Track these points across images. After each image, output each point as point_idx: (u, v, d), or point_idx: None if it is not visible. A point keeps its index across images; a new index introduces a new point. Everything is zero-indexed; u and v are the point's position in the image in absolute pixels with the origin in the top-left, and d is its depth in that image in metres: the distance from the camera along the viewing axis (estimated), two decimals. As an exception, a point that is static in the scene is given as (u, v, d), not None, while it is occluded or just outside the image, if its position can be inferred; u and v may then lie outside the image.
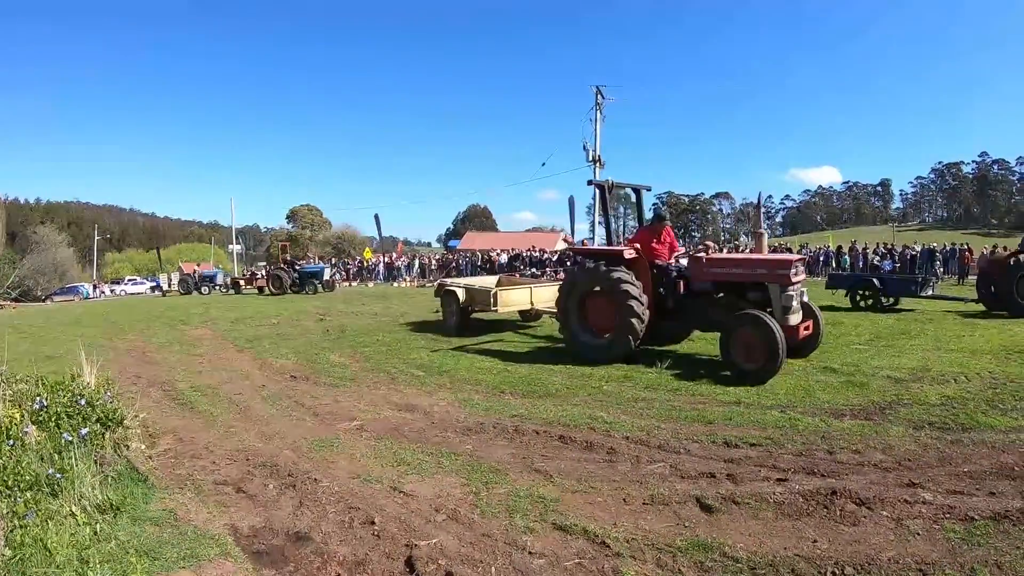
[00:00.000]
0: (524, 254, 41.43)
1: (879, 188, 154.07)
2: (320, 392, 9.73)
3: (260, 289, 37.75)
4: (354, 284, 45.61)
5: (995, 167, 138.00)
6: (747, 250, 36.25)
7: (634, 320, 10.56)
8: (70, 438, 5.58)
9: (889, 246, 38.88)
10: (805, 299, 10.52)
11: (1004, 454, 6.17)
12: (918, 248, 36.63)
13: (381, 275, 47.14)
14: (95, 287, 61.18)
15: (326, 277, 35.79)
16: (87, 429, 5.86)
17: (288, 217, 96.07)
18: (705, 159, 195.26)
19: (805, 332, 10.36)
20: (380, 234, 53.87)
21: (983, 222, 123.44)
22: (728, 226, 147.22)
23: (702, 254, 11.00)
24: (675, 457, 6.22)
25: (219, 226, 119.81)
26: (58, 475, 4.98)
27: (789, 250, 38.40)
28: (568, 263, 35.44)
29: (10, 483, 4.77)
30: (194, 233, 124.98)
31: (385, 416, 8.19)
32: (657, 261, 11.38)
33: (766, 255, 12.85)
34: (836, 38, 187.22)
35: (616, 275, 10.70)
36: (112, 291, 61.37)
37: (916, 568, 4.11)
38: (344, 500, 5.48)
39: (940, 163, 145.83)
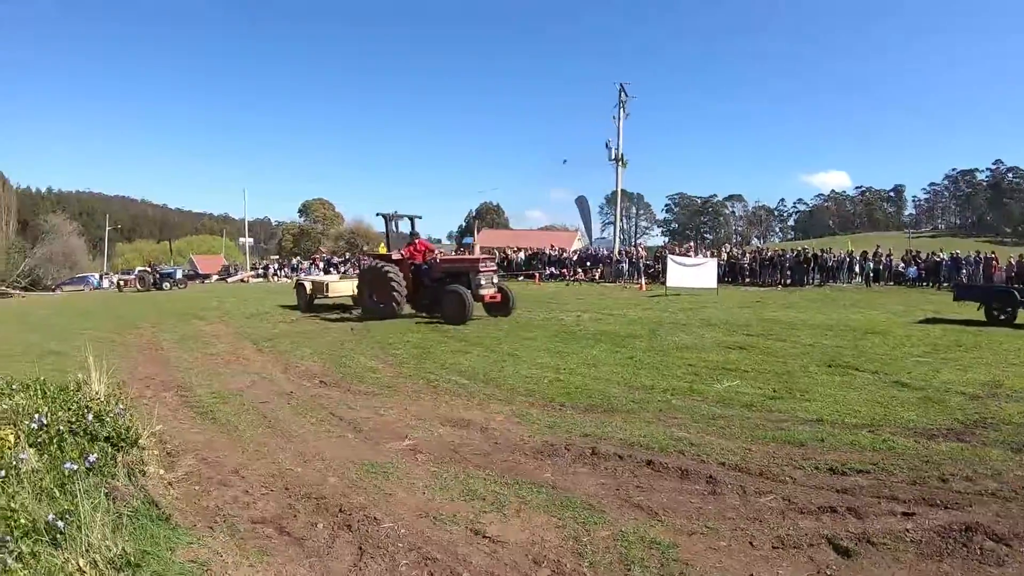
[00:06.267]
0: (547, 252, 40.03)
1: (892, 194, 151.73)
2: (357, 402, 8.70)
3: (120, 287, 42.88)
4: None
5: (1010, 175, 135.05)
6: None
7: (395, 294, 17.17)
8: (75, 467, 4.51)
9: (913, 252, 37.60)
10: (496, 280, 17.78)
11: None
12: (944, 255, 35.32)
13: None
14: (103, 277, 59.66)
15: (178, 277, 41.13)
16: (95, 455, 4.79)
17: (300, 211, 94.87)
18: (717, 161, 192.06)
19: (493, 300, 17.57)
20: (397, 228, 53.07)
21: (997, 230, 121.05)
22: (740, 228, 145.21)
23: (436, 257, 19.22)
24: (783, 487, 5.51)
25: (230, 219, 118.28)
26: (59, 522, 3.88)
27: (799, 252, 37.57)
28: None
29: (1, 532, 3.69)
30: (205, 225, 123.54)
31: (439, 434, 7.17)
32: (414, 262, 18.23)
33: (469, 256, 21.74)
34: (849, 40, 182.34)
35: (386, 269, 17.53)
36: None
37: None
38: (416, 548, 4.48)
39: (954, 170, 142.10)
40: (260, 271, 52.37)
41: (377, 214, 19.43)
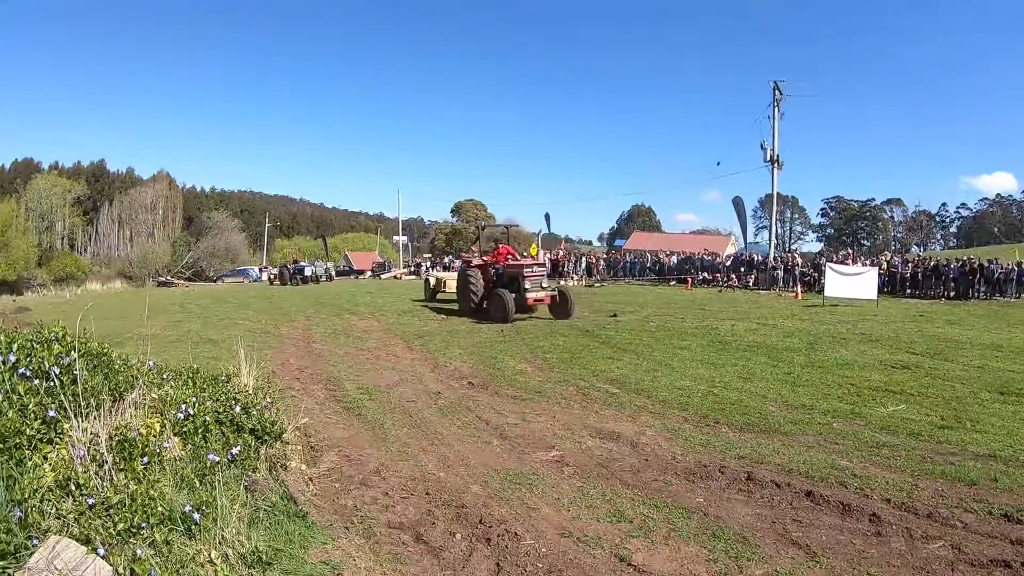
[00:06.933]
0: (699, 257, 38.44)
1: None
2: (504, 406, 8.48)
3: (271, 281, 47.97)
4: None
5: None
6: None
7: (472, 294, 19.50)
8: (217, 458, 4.42)
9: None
10: (545, 283, 19.18)
11: None
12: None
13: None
14: (261, 270, 63.46)
15: (307, 273, 44.42)
16: (238, 447, 4.73)
17: (452, 211, 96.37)
18: (875, 162, 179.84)
19: (538, 304, 18.99)
20: (549, 228, 54.33)
21: None
22: (899, 234, 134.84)
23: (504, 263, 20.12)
24: (953, 533, 4.99)
25: (384, 217, 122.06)
26: (196, 514, 3.76)
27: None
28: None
29: (137, 519, 3.59)
30: (360, 223, 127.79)
31: (587, 446, 6.82)
32: (495, 267, 19.74)
33: (521, 261, 21.20)
34: (1012, 36, 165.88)
35: (468, 272, 20.18)
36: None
37: None
38: (557, 570, 4.22)
39: None
40: (413, 268, 54.07)
41: (475, 226, 23.03)
